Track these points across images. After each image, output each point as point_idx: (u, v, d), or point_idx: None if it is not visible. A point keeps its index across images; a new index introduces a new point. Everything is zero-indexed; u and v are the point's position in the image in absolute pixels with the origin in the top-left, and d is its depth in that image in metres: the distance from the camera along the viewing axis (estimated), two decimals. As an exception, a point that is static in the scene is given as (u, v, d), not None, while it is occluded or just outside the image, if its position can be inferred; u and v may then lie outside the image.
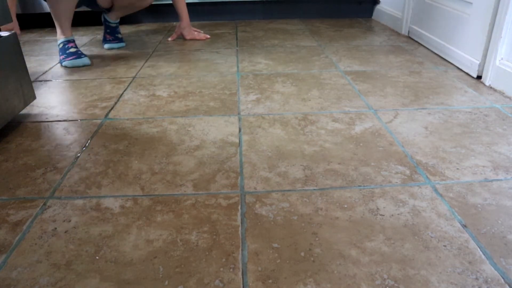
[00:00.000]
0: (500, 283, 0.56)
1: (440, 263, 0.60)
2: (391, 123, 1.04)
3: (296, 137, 0.97)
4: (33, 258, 0.62)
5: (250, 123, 1.05)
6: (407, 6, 1.90)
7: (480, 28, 1.32)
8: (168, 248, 0.63)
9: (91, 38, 2.01)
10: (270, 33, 2.04)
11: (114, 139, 0.98)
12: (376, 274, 0.58)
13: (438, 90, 1.25)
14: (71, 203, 0.75)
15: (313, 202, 0.74)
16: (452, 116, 1.07)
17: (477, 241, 0.64)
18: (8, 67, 0.99)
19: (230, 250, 0.63)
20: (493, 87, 1.26)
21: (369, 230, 0.67)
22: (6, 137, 1.01)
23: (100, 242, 0.65)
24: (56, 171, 0.85)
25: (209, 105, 1.17)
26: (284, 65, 1.52)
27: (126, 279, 0.58)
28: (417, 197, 0.75)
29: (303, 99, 1.20)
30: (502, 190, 0.76)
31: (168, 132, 1.01)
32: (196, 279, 0.58)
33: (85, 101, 1.22)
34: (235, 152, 0.91)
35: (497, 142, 0.94)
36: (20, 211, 0.73)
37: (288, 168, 0.85)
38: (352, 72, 1.43)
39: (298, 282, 0.57)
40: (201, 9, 2.34)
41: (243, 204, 0.73)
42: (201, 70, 1.48)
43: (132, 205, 0.74)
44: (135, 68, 1.52)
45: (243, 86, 1.31)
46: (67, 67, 1.54)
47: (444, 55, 1.57)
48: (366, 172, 0.83)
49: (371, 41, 1.84)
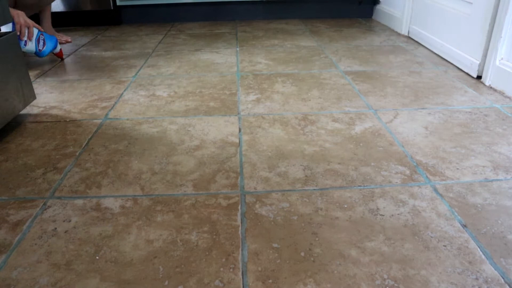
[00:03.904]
0: (500, 283, 0.56)
1: (440, 263, 0.60)
2: (391, 123, 1.04)
3: (296, 137, 0.97)
4: (33, 258, 0.62)
5: (250, 123, 1.05)
6: (407, 6, 1.90)
7: (480, 28, 1.32)
8: (168, 248, 0.63)
9: (91, 38, 2.02)
10: (270, 33, 2.04)
11: (114, 139, 0.98)
12: (376, 274, 0.58)
13: (438, 90, 1.25)
14: (71, 203, 0.75)
15: (313, 202, 0.74)
16: (452, 116, 1.07)
17: (477, 241, 0.64)
18: (8, 67, 0.99)
19: (230, 250, 0.63)
20: (493, 87, 1.26)
21: (369, 230, 0.66)
22: (6, 137, 1.01)
23: (100, 242, 0.65)
24: (56, 171, 0.85)
25: (209, 105, 1.17)
26: (284, 65, 1.52)
27: (126, 279, 0.58)
28: (417, 197, 0.75)
29: (303, 99, 1.20)
30: (502, 190, 0.76)
31: (168, 132, 1.01)
32: (196, 279, 0.58)
33: (85, 101, 1.22)
34: (235, 152, 0.91)
35: (497, 142, 0.94)
36: (20, 211, 0.73)
37: (288, 168, 0.85)
38: (352, 72, 1.43)
39: (298, 282, 0.57)
40: (201, 9, 2.34)
41: (243, 204, 0.73)
42: (201, 70, 1.48)
43: (132, 205, 0.74)
44: (135, 68, 1.52)
45: (243, 86, 1.31)
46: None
47: (444, 55, 1.57)
48: (366, 172, 0.83)
49: (371, 41, 1.84)
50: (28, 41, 1.46)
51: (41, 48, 1.53)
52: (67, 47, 1.85)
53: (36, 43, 1.50)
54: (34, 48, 1.50)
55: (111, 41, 1.94)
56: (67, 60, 1.65)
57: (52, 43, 1.57)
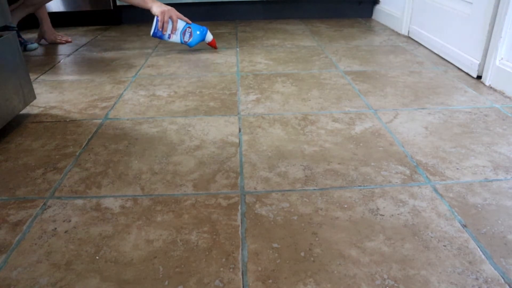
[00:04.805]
0: (500, 283, 0.56)
1: (440, 263, 0.60)
2: (391, 123, 1.04)
3: (296, 137, 0.97)
4: (33, 258, 0.62)
5: (250, 123, 1.05)
6: (407, 6, 1.90)
7: (480, 28, 1.32)
8: (168, 248, 0.63)
9: (91, 38, 2.02)
10: (270, 33, 2.04)
11: (114, 139, 0.98)
12: (376, 274, 0.58)
13: (438, 90, 1.25)
14: (71, 203, 0.75)
15: (313, 202, 0.74)
16: (452, 116, 1.07)
17: (477, 241, 0.64)
18: (8, 67, 0.99)
19: (230, 250, 0.63)
20: (493, 87, 1.26)
21: (369, 230, 0.67)
22: (6, 137, 1.01)
23: (100, 242, 0.65)
24: (56, 171, 0.85)
25: (209, 105, 1.17)
26: (284, 65, 1.52)
27: (126, 279, 0.58)
28: (417, 197, 0.75)
29: (303, 99, 1.20)
30: (502, 190, 0.76)
31: (168, 132, 1.01)
32: (196, 279, 0.58)
33: (85, 101, 1.22)
34: (235, 152, 0.91)
35: (497, 142, 0.94)
36: (20, 211, 0.73)
37: (288, 168, 0.85)
38: (352, 72, 1.43)
39: (298, 282, 0.57)
40: (201, 9, 2.34)
41: (243, 204, 0.73)
42: (201, 70, 1.48)
43: (132, 205, 0.74)
44: (135, 68, 1.52)
45: (243, 86, 1.32)
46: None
47: (444, 55, 1.57)
48: (366, 172, 0.83)
49: (371, 41, 1.84)
50: (172, 34, 1.61)
51: (187, 40, 1.65)
52: (67, 47, 1.85)
53: (181, 36, 1.63)
54: (180, 40, 1.65)
55: (111, 41, 1.93)
56: (67, 60, 1.65)
57: (200, 34, 1.67)
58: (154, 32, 1.58)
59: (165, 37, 1.61)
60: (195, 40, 1.66)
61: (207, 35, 1.68)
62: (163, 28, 1.57)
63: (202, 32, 1.66)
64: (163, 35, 1.60)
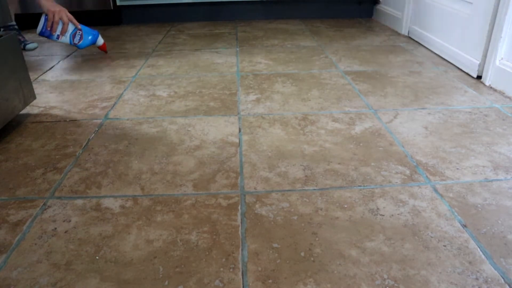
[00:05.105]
0: (500, 283, 0.56)
1: (440, 263, 0.60)
2: (391, 123, 1.04)
3: (296, 137, 0.97)
4: (33, 258, 0.62)
5: (250, 123, 1.05)
6: (407, 6, 1.90)
7: (480, 28, 1.32)
8: (168, 248, 0.63)
9: (91, 38, 2.01)
10: (270, 33, 2.04)
11: (114, 139, 0.98)
12: (376, 274, 0.58)
13: (438, 90, 1.25)
14: (71, 203, 0.75)
15: (313, 202, 0.74)
16: (452, 116, 1.07)
17: (477, 241, 0.64)
18: (8, 67, 0.99)
19: (230, 250, 0.63)
20: (493, 87, 1.26)
21: (369, 230, 0.66)
22: (6, 137, 1.01)
23: (100, 242, 0.65)
24: (56, 171, 0.85)
25: (209, 105, 1.17)
26: (284, 65, 1.52)
27: (126, 279, 0.58)
28: (417, 197, 0.75)
29: (303, 99, 1.20)
30: (502, 190, 0.76)
31: (168, 132, 1.01)
32: (196, 279, 0.58)
33: (85, 101, 1.22)
34: (235, 152, 0.91)
35: (497, 142, 0.94)
36: (20, 211, 0.73)
37: (288, 168, 0.85)
38: (352, 72, 1.43)
39: (298, 282, 0.57)
40: (201, 9, 2.34)
41: (243, 204, 0.73)
42: (201, 70, 1.48)
43: (132, 205, 0.74)
44: (135, 68, 1.52)
45: (243, 86, 1.32)
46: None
47: (444, 55, 1.57)
48: (366, 172, 0.83)
49: (371, 41, 1.84)
50: (62, 36, 1.58)
51: (77, 42, 1.63)
52: (67, 47, 1.85)
53: (71, 38, 1.60)
54: (69, 42, 1.61)
55: (111, 41, 1.93)
56: (67, 60, 1.66)
57: (91, 38, 1.66)
58: (42, 31, 1.53)
59: (53, 37, 1.56)
60: (86, 43, 1.64)
61: (98, 39, 1.68)
62: (52, 28, 1.53)
63: (94, 36, 1.66)
64: (51, 35, 1.55)
